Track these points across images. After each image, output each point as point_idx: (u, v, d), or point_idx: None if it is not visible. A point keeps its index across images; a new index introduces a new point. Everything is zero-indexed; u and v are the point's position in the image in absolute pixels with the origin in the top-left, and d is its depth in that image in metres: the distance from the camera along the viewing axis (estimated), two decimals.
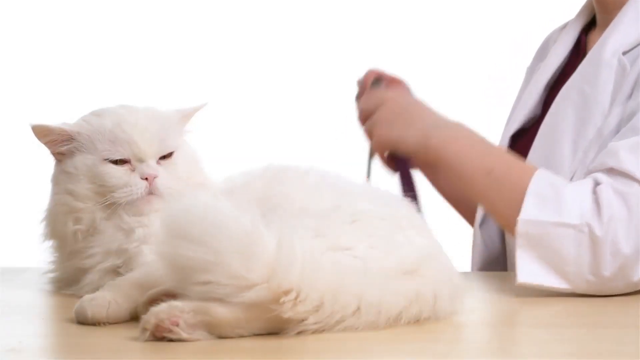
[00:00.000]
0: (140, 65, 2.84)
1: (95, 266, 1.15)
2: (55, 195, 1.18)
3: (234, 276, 0.88)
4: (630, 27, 1.34)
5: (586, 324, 1.01)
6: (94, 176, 1.15)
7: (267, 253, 0.89)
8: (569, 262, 1.15)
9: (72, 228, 1.16)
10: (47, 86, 2.80)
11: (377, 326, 0.92)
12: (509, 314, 1.11)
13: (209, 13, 2.92)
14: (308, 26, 2.81)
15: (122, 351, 0.88)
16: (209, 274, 0.89)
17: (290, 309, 0.88)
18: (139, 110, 1.19)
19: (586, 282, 1.15)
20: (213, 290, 0.89)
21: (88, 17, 2.89)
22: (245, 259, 0.89)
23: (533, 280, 1.16)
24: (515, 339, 0.94)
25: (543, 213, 1.16)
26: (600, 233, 1.14)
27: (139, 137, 1.15)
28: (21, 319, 1.07)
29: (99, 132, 1.16)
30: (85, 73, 2.83)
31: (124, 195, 1.14)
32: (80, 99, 2.45)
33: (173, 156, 1.19)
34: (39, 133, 1.17)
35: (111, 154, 1.15)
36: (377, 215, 1.07)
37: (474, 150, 1.27)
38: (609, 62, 1.33)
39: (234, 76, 2.89)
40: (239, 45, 2.92)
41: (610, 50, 1.33)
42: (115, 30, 2.89)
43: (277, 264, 0.89)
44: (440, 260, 1.05)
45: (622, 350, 0.87)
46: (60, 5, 2.87)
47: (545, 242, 1.15)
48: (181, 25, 2.91)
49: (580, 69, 1.37)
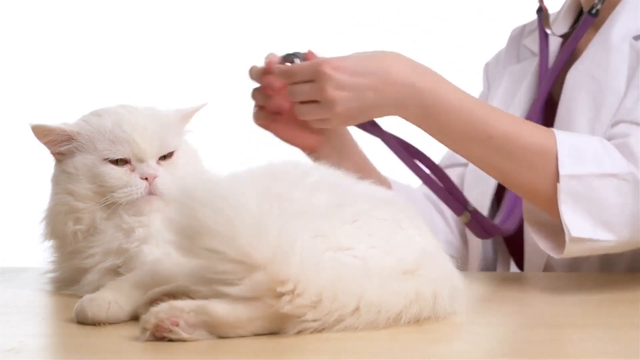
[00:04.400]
0: (140, 65, 2.84)
1: (95, 266, 1.15)
2: (55, 196, 1.18)
3: (241, 251, 0.88)
4: (636, 15, 1.36)
5: (586, 324, 1.01)
6: (94, 176, 1.15)
7: (272, 236, 0.90)
8: (615, 212, 1.16)
9: (72, 228, 1.16)
10: (48, 86, 2.80)
11: (377, 326, 0.92)
12: (509, 314, 1.11)
13: (208, 13, 2.92)
14: (307, 26, 2.81)
15: (122, 351, 0.88)
16: (218, 241, 0.88)
17: (288, 302, 0.88)
18: (139, 110, 1.19)
19: (630, 232, 1.16)
20: (215, 263, 0.88)
21: (88, 17, 2.89)
22: (254, 236, 0.89)
23: (585, 235, 1.16)
24: (515, 339, 0.94)
25: (583, 166, 1.17)
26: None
27: (139, 137, 1.15)
28: (21, 319, 1.07)
29: (99, 132, 1.16)
30: (85, 73, 2.83)
31: (124, 195, 1.14)
32: (81, 99, 2.45)
33: (173, 156, 1.19)
34: (39, 133, 1.17)
35: (111, 153, 1.15)
36: (377, 216, 1.07)
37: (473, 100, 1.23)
38: (619, 47, 1.35)
39: (235, 75, 2.89)
40: (239, 45, 2.91)
41: (619, 35, 1.36)
42: (114, 31, 2.89)
43: (278, 249, 0.89)
44: (440, 260, 1.05)
45: (622, 350, 0.87)
46: (60, 5, 2.87)
47: (589, 195, 1.16)
48: (181, 25, 2.91)
49: (589, 54, 1.39)
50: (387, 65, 1.20)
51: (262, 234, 0.89)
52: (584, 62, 1.39)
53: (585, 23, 1.42)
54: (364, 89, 1.17)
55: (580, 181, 1.16)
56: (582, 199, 1.16)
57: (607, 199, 1.16)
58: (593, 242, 1.16)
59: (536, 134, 1.21)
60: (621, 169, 1.17)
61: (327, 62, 1.18)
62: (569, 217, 1.16)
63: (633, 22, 1.36)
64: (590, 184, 1.16)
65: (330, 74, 1.16)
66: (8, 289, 1.27)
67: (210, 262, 0.89)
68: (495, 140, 1.20)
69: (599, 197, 1.16)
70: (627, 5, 1.38)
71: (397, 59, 1.22)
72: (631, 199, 1.16)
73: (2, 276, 1.36)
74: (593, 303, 1.15)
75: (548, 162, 1.18)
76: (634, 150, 1.19)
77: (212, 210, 0.90)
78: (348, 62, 1.18)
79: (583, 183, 1.16)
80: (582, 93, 1.37)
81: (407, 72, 1.20)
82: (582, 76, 1.38)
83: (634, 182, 1.16)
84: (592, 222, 1.16)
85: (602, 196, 1.16)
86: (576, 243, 1.17)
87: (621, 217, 1.16)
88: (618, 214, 1.16)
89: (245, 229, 0.89)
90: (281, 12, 2.89)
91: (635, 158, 1.18)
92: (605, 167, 1.17)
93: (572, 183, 1.16)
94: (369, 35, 2.72)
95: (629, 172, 1.17)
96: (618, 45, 1.35)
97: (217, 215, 0.89)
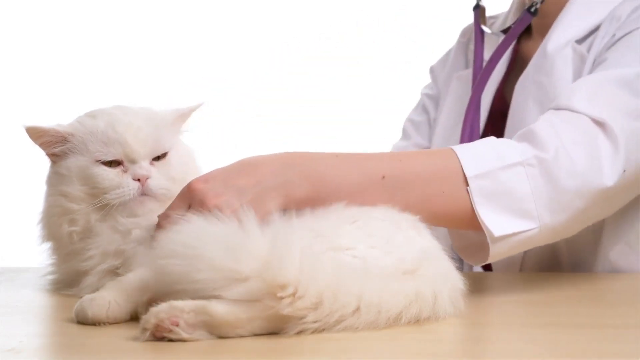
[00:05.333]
0: (138, 65, 2.85)
1: (93, 268, 1.15)
2: (50, 197, 1.18)
3: (221, 269, 0.89)
4: (579, 20, 1.39)
5: (586, 324, 1.01)
6: (86, 178, 1.15)
7: (258, 248, 0.90)
8: (529, 199, 1.15)
9: (67, 229, 1.16)
10: (48, 86, 2.80)
11: (377, 326, 0.92)
12: (509, 314, 1.11)
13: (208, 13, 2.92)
14: (307, 26, 2.81)
15: (122, 351, 0.88)
16: (199, 274, 0.89)
17: (289, 304, 0.88)
18: (133, 110, 1.19)
19: (549, 214, 1.15)
20: (206, 287, 0.89)
21: (88, 17, 2.89)
22: (232, 252, 0.89)
23: (507, 231, 1.14)
24: (515, 339, 0.93)
25: (486, 164, 1.15)
26: (550, 157, 1.15)
27: (131, 138, 1.15)
28: (21, 319, 1.07)
29: (91, 133, 1.16)
30: (85, 73, 2.84)
31: (116, 197, 1.14)
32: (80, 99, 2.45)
33: (167, 156, 1.18)
34: (33, 135, 1.17)
35: (103, 155, 1.15)
36: (377, 216, 1.07)
37: (354, 153, 1.16)
38: (562, 52, 1.38)
39: (233, 75, 2.89)
40: (239, 45, 2.92)
41: (562, 40, 1.38)
42: (115, 31, 2.89)
43: (271, 258, 0.89)
44: (440, 261, 1.05)
45: (622, 350, 0.87)
46: (58, 6, 2.87)
47: (500, 190, 1.14)
48: (180, 25, 2.91)
49: (533, 62, 1.42)
50: (253, 160, 1.10)
51: (241, 249, 0.89)
52: (530, 70, 1.42)
53: (524, 20, 1.43)
54: (241, 187, 1.07)
55: (487, 178, 1.14)
56: (494, 195, 1.14)
57: (518, 188, 1.15)
58: (517, 236, 1.15)
59: (436, 158, 1.17)
60: (524, 155, 1.16)
61: (194, 180, 1.08)
62: (487, 217, 1.14)
63: (575, 27, 1.39)
64: (498, 179, 1.14)
65: (203, 187, 1.07)
66: (8, 289, 1.27)
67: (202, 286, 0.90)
68: (389, 179, 1.13)
69: (509, 188, 1.14)
70: (569, 11, 1.41)
71: (257, 155, 1.12)
72: (541, 180, 1.15)
73: (2, 276, 1.37)
74: (593, 303, 1.15)
75: (455, 178, 1.15)
76: (537, 133, 1.18)
77: (182, 258, 0.91)
78: (215, 172, 1.09)
79: (491, 179, 1.14)
80: (529, 101, 1.38)
81: (273, 156, 1.11)
82: (528, 84, 1.41)
83: (539, 164, 1.15)
84: (510, 215, 1.15)
85: (512, 187, 1.15)
86: (500, 242, 1.15)
87: (537, 201, 1.15)
88: (533, 200, 1.15)
89: (220, 252, 0.90)
90: (281, 12, 2.89)
91: (539, 140, 1.17)
92: (507, 159, 1.15)
93: (480, 182, 1.14)
94: (369, 35, 2.72)
95: (533, 156, 1.16)
96: (561, 50, 1.38)
97: (188, 258, 0.91)
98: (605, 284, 1.29)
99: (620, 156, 1.18)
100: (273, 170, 1.08)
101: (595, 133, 1.19)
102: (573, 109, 1.21)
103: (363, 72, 2.76)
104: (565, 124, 1.19)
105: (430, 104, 1.66)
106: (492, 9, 1.61)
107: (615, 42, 1.32)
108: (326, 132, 2.70)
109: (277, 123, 2.84)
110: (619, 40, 1.32)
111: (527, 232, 1.15)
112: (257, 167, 1.08)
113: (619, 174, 1.18)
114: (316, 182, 1.09)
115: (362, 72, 2.76)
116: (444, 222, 1.18)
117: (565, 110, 1.21)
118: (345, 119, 2.78)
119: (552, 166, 1.16)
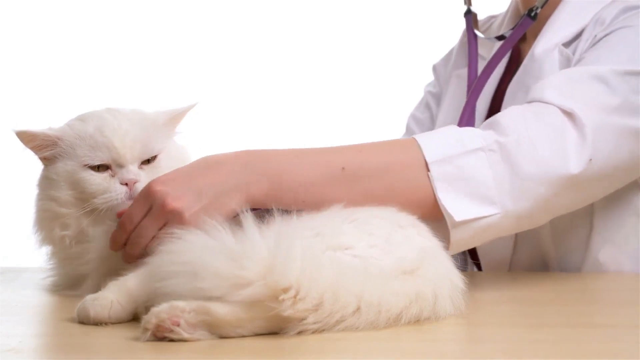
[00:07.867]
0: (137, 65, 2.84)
1: (92, 272, 1.15)
2: (40, 201, 1.18)
3: (226, 277, 0.89)
4: (567, 24, 1.39)
5: (586, 324, 1.01)
6: (74, 182, 1.15)
7: (261, 253, 0.90)
8: (490, 185, 1.15)
9: (60, 234, 1.16)
10: (48, 86, 2.80)
11: (377, 326, 0.93)
12: (509, 314, 1.11)
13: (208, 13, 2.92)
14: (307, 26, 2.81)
15: (123, 351, 0.88)
16: (204, 283, 0.89)
17: (290, 306, 0.88)
18: (123, 114, 1.19)
19: (511, 199, 1.15)
20: (210, 294, 0.89)
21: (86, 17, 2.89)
22: (235, 260, 0.89)
23: (467, 216, 1.14)
24: (515, 339, 0.93)
25: (447, 149, 1.15)
26: (512, 142, 1.15)
27: (118, 142, 1.15)
28: (21, 319, 1.07)
29: (80, 137, 1.16)
30: (84, 73, 2.84)
31: (103, 202, 1.14)
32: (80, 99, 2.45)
33: (157, 159, 1.18)
34: (24, 139, 1.16)
35: (91, 159, 1.15)
36: (376, 215, 1.07)
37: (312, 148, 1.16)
38: (549, 55, 1.38)
39: (229, 75, 2.89)
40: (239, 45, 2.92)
41: (550, 44, 1.39)
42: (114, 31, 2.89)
43: (274, 262, 0.89)
44: (440, 260, 1.05)
45: (622, 350, 0.87)
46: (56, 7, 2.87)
47: (461, 175, 1.14)
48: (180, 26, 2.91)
49: (524, 64, 1.42)
50: (212, 159, 1.11)
51: (244, 255, 0.89)
52: (520, 73, 1.43)
53: (524, 25, 1.43)
54: (201, 188, 1.08)
55: (448, 163, 1.14)
56: (455, 179, 1.14)
57: (479, 173, 1.15)
58: (478, 222, 1.15)
59: (397, 147, 1.18)
60: (485, 141, 1.16)
61: (153, 182, 1.09)
62: (448, 202, 1.14)
63: (563, 30, 1.39)
64: (459, 164, 1.14)
65: (162, 190, 1.07)
66: (8, 289, 1.27)
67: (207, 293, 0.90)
68: (349, 170, 1.13)
69: (471, 173, 1.15)
70: (559, 15, 1.42)
71: (217, 154, 1.13)
72: (502, 166, 1.15)
73: (2, 276, 1.37)
74: (593, 303, 1.15)
75: (416, 165, 1.15)
76: (501, 121, 1.18)
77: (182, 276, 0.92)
78: (175, 173, 1.10)
79: (452, 165, 1.14)
80: (518, 103, 1.38)
81: (232, 155, 1.12)
82: (518, 87, 1.41)
83: (500, 149, 1.16)
84: (471, 201, 1.14)
85: (474, 172, 1.15)
86: (461, 227, 1.15)
87: (498, 187, 1.15)
88: (495, 186, 1.15)
89: (223, 261, 0.90)
90: (281, 12, 2.89)
91: (502, 127, 1.17)
92: (469, 145, 1.15)
93: (442, 167, 1.14)
94: (369, 35, 2.72)
95: (494, 141, 1.16)
96: (549, 53, 1.38)
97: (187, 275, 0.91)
98: (606, 284, 1.29)
99: (587, 145, 1.18)
100: (232, 170, 1.09)
101: (563, 122, 1.19)
102: (543, 100, 1.22)
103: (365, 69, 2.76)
104: (533, 113, 1.20)
105: (432, 101, 1.67)
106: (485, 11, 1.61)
107: (595, 43, 1.32)
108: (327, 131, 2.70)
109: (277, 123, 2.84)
110: (599, 40, 1.32)
111: (488, 218, 1.15)
112: (217, 167, 1.09)
113: (585, 162, 1.18)
114: (275, 179, 1.10)
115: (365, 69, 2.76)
116: (410, 212, 1.14)
117: (536, 102, 1.22)
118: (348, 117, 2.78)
119: (513, 152, 1.16)
